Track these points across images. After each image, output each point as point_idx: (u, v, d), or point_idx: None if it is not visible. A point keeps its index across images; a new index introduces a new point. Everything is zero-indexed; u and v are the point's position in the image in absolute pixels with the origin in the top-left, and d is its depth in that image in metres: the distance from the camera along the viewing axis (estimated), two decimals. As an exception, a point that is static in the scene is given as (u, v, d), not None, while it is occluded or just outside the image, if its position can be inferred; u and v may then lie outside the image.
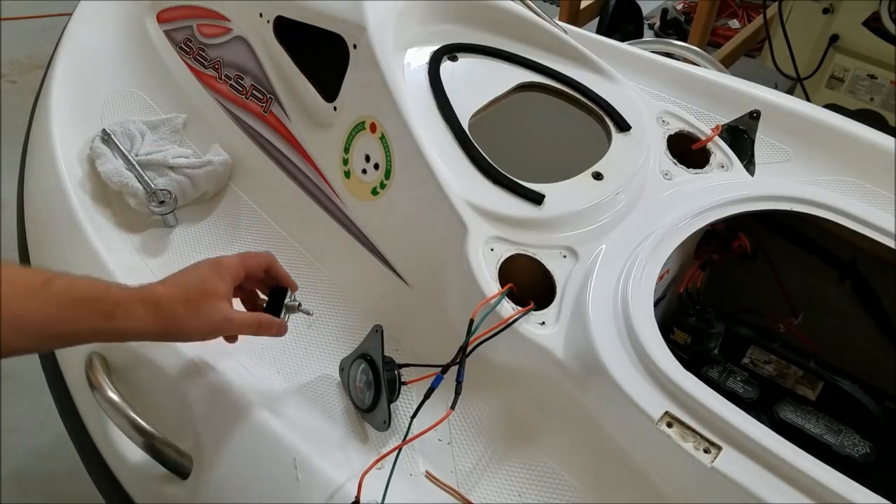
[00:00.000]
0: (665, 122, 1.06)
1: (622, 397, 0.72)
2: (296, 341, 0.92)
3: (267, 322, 0.82)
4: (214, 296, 0.76)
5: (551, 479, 0.77)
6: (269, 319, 0.82)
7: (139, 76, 1.28)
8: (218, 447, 0.81)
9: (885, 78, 2.07)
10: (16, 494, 1.69)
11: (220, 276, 0.77)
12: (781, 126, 1.12)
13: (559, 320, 0.81)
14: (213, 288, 0.77)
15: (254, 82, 1.15)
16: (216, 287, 0.77)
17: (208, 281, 0.77)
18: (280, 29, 1.11)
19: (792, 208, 0.91)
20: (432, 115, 0.96)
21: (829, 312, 1.00)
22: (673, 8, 3.21)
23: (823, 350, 0.94)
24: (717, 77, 1.22)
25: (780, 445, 0.66)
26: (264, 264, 0.84)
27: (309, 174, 1.07)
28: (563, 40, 1.11)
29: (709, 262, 0.96)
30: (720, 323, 0.89)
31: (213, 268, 0.78)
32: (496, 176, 0.91)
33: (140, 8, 1.33)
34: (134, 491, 0.91)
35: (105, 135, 1.14)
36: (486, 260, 0.84)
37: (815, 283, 1.00)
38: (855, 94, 2.15)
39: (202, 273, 0.78)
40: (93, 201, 1.10)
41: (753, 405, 0.84)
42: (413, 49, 1.04)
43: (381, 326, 0.81)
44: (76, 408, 0.99)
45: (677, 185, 0.97)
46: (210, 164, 1.12)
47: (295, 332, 0.92)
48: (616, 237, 0.89)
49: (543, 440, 0.79)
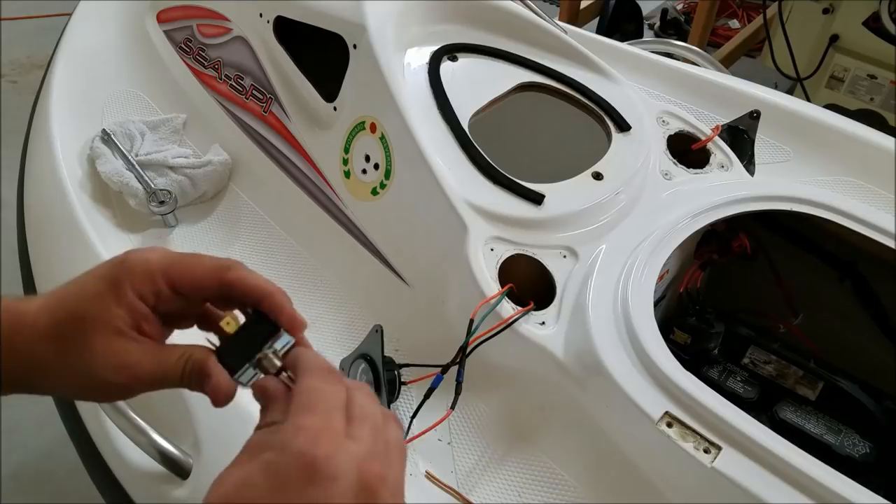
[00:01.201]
0: (665, 122, 1.05)
1: (622, 397, 0.72)
2: (296, 341, 0.92)
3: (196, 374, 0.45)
4: (99, 327, 0.45)
5: (551, 479, 0.77)
6: (199, 372, 0.45)
7: (139, 76, 1.28)
8: (218, 447, 0.81)
9: (885, 78, 2.07)
10: (16, 494, 1.69)
11: (115, 292, 0.45)
12: (781, 126, 1.12)
13: (559, 320, 0.81)
14: (98, 313, 0.45)
15: (254, 82, 1.15)
16: (104, 311, 0.45)
17: (90, 301, 0.45)
18: (280, 29, 1.11)
19: (792, 208, 0.91)
20: (432, 115, 0.96)
21: (829, 312, 1.00)
22: (673, 8, 3.21)
23: (823, 350, 0.94)
24: (717, 77, 1.22)
25: (780, 445, 0.66)
26: (209, 280, 0.47)
27: (309, 174, 1.07)
28: (563, 40, 1.11)
29: (709, 262, 0.96)
30: (720, 323, 0.89)
31: (108, 273, 0.46)
32: (496, 176, 0.91)
33: (140, 8, 1.33)
34: (134, 491, 0.91)
35: (105, 135, 1.14)
36: (486, 260, 0.84)
37: (815, 283, 1.00)
38: (855, 94, 2.15)
39: (89, 283, 0.46)
40: (93, 201, 1.10)
41: (753, 405, 0.84)
42: (413, 49, 1.04)
43: (381, 326, 0.81)
44: (76, 408, 0.99)
45: (677, 185, 0.97)
46: (210, 164, 1.12)
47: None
48: (616, 237, 0.89)
49: (543, 440, 0.79)
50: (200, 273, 0.47)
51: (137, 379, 0.45)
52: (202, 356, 0.46)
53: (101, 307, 0.45)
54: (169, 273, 0.46)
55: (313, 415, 0.40)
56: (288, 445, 0.38)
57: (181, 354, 0.46)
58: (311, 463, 0.38)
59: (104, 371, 0.45)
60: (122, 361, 0.45)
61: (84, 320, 0.45)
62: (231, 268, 0.47)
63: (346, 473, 0.38)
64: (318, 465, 0.37)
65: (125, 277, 0.46)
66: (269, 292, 0.46)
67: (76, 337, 0.45)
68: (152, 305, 0.46)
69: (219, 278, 0.46)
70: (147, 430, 0.83)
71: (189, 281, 0.46)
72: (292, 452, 0.38)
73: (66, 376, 0.45)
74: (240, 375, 0.45)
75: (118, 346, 0.45)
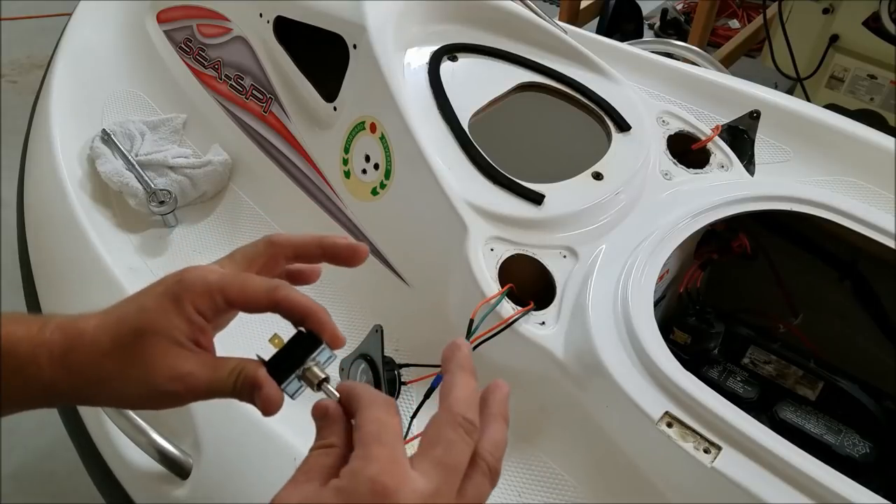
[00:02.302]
0: (665, 122, 1.05)
1: (622, 397, 0.72)
2: (296, 341, 0.92)
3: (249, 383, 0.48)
4: (161, 338, 0.47)
5: (551, 479, 0.77)
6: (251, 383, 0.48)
7: (139, 76, 1.28)
8: (218, 447, 0.81)
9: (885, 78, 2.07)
10: (16, 494, 1.69)
11: (175, 306, 0.48)
12: (781, 126, 1.12)
13: (559, 320, 0.81)
14: (161, 326, 0.47)
15: (254, 82, 1.15)
16: (166, 323, 0.47)
17: (153, 316, 0.48)
18: (280, 29, 1.11)
19: (792, 208, 0.91)
20: (432, 115, 0.96)
21: (829, 312, 1.00)
22: (673, 8, 3.21)
23: (823, 350, 0.94)
24: (717, 77, 1.22)
25: (780, 445, 0.66)
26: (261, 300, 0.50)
27: (309, 174, 1.07)
28: (563, 40, 1.11)
29: (709, 262, 0.96)
30: (720, 323, 0.89)
31: (169, 290, 0.49)
32: (496, 176, 0.91)
33: (140, 8, 1.33)
34: (134, 491, 0.91)
35: (105, 135, 1.14)
36: (486, 260, 0.84)
37: (815, 283, 1.00)
38: (855, 94, 2.15)
39: (148, 301, 0.49)
40: (93, 201, 1.10)
41: (753, 405, 0.84)
42: (413, 49, 1.04)
43: (381, 326, 0.81)
44: (76, 408, 0.99)
45: (677, 185, 0.97)
46: (210, 164, 1.12)
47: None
48: (616, 237, 0.89)
49: (543, 440, 0.79)
50: (252, 292, 0.50)
51: (192, 388, 0.48)
52: (253, 369, 0.48)
53: (162, 320, 0.48)
54: (225, 291, 0.49)
55: (382, 446, 0.42)
56: (360, 473, 0.41)
57: (234, 367, 0.49)
58: (382, 490, 0.40)
59: (162, 380, 0.47)
60: (179, 372, 0.47)
61: (145, 333, 0.47)
62: (279, 287, 0.50)
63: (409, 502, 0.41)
64: (388, 493, 0.40)
65: (185, 293, 0.48)
66: (312, 310, 0.50)
67: (138, 349, 0.47)
68: (209, 319, 0.49)
69: (269, 297, 0.50)
70: (147, 430, 0.83)
71: (243, 299, 0.50)
72: (366, 479, 0.41)
73: (125, 388, 0.48)
74: (286, 386, 0.48)
75: (176, 357, 0.48)
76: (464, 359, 0.48)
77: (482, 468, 0.45)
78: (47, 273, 1.09)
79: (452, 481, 0.43)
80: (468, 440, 0.44)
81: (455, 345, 0.49)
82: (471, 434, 0.44)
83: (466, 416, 0.44)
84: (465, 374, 0.47)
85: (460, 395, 0.46)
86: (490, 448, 0.45)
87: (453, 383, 0.47)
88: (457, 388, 0.46)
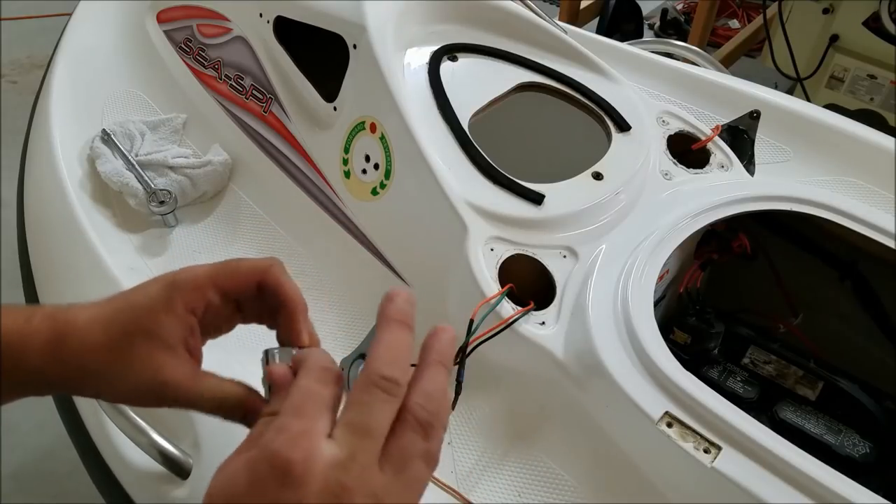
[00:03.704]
0: (665, 122, 1.05)
1: (622, 397, 0.72)
2: (296, 341, 0.92)
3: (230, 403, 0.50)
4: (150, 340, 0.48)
5: (551, 479, 0.77)
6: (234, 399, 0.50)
7: (139, 76, 1.28)
8: (218, 447, 0.81)
9: (885, 78, 2.07)
10: (16, 494, 1.69)
11: (167, 307, 0.48)
12: (781, 126, 1.12)
13: (559, 320, 0.81)
14: (151, 326, 0.48)
15: (254, 82, 1.15)
16: (156, 325, 0.48)
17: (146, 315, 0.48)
18: (280, 29, 1.11)
19: (792, 208, 0.91)
20: (432, 115, 0.96)
21: (829, 312, 1.00)
22: (673, 8, 3.21)
23: (823, 350, 0.94)
24: (717, 77, 1.22)
25: (780, 445, 0.66)
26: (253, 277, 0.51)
27: (309, 174, 1.07)
28: (563, 40, 1.11)
29: (709, 262, 0.96)
30: (720, 323, 0.89)
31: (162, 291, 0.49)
32: (496, 176, 0.91)
33: (140, 8, 1.33)
34: (134, 491, 0.91)
35: (105, 135, 1.14)
36: (486, 260, 0.84)
37: (815, 283, 1.00)
38: (855, 94, 2.15)
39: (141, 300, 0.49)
40: (93, 201, 1.10)
41: (753, 405, 0.84)
42: (413, 49, 1.04)
43: (381, 326, 0.81)
44: (76, 408, 0.99)
45: (677, 185, 0.97)
46: (210, 164, 1.12)
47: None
48: (616, 237, 0.89)
49: (543, 440, 0.79)
50: (245, 271, 0.50)
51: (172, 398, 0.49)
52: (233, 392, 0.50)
53: (153, 322, 0.48)
54: (216, 280, 0.50)
55: (298, 416, 0.40)
56: (269, 445, 0.38)
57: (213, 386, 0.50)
58: (283, 465, 0.37)
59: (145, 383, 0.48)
60: (162, 379, 0.48)
61: (136, 334, 0.48)
62: (272, 266, 0.51)
63: (315, 478, 0.37)
64: (291, 469, 0.37)
65: (176, 294, 0.49)
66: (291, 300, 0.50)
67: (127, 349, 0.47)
68: (200, 317, 0.50)
69: (260, 275, 0.50)
70: (147, 430, 0.83)
71: (234, 282, 0.50)
72: (270, 452, 0.38)
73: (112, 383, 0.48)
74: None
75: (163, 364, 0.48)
76: (394, 311, 0.43)
77: (410, 423, 0.40)
78: (47, 273, 1.09)
79: (369, 445, 0.39)
80: (387, 398, 0.40)
81: (387, 296, 0.44)
82: (391, 391, 0.40)
83: (384, 373, 0.40)
84: (392, 327, 0.42)
85: (380, 352, 0.41)
86: (421, 399, 0.40)
87: (378, 339, 0.42)
88: (380, 344, 0.42)
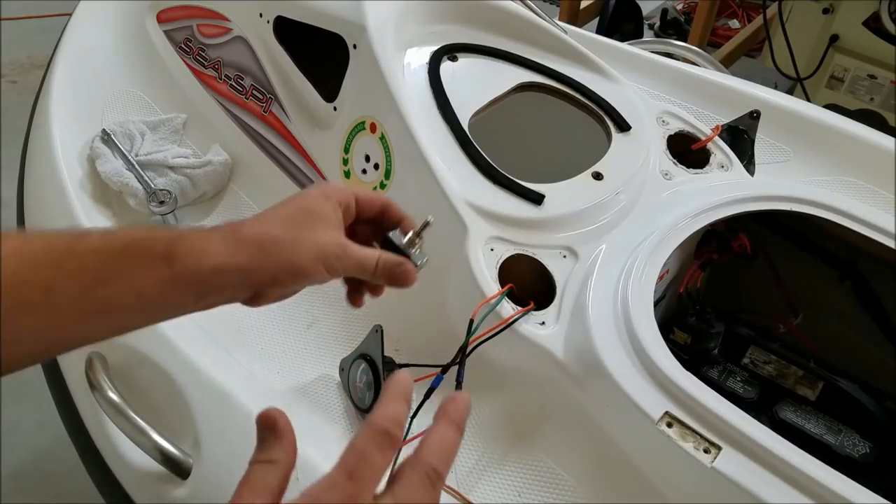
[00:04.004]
0: (665, 122, 1.06)
1: (622, 397, 0.72)
2: (295, 341, 0.92)
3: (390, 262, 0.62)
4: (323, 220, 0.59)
5: (551, 479, 0.77)
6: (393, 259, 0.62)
7: (139, 76, 1.28)
8: (218, 447, 0.81)
9: (885, 78, 2.07)
10: (16, 494, 1.69)
11: (328, 202, 0.60)
12: (781, 126, 1.12)
13: (559, 320, 0.81)
14: (322, 210, 0.59)
15: (254, 82, 1.15)
16: (325, 211, 0.59)
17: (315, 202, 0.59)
18: (280, 29, 1.11)
19: (792, 208, 0.91)
20: (432, 115, 0.96)
21: (829, 312, 1.00)
22: (673, 8, 3.21)
23: (823, 350, 0.94)
24: (717, 77, 1.22)
25: (780, 445, 0.66)
26: (379, 202, 0.65)
27: (309, 174, 1.07)
28: (563, 40, 1.11)
29: (709, 262, 0.96)
30: (720, 323, 0.89)
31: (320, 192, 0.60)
32: (496, 176, 0.91)
33: (140, 8, 1.33)
34: (134, 491, 0.91)
35: (105, 135, 1.14)
36: (486, 260, 0.84)
37: (815, 283, 1.00)
38: (855, 94, 2.15)
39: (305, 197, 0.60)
40: (93, 201, 1.10)
41: (753, 405, 0.84)
42: (413, 49, 1.04)
43: (381, 326, 0.81)
44: (76, 408, 0.99)
45: (677, 185, 0.97)
46: (210, 164, 1.12)
47: (294, 332, 0.92)
48: (616, 237, 0.89)
49: (543, 440, 0.79)
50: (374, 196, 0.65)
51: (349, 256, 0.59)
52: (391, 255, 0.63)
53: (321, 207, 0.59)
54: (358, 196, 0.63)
55: (350, 481, 0.39)
56: (320, 498, 0.39)
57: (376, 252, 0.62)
58: None
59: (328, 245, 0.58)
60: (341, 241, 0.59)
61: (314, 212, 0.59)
62: (389, 202, 0.66)
63: None
64: None
65: (333, 193, 0.61)
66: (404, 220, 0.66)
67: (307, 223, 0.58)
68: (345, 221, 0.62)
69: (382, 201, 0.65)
70: (147, 430, 0.83)
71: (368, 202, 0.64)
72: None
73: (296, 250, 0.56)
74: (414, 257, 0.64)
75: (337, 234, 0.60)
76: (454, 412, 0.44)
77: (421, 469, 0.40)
78: (47, 273, 1.09)
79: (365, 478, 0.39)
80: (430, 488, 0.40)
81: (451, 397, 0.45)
82: (435, 483, 0.40)
83: (434, 465, 0.40)
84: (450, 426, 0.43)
85: (433, 446, 0.41)
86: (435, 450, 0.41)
87: (434, 431, 0.43)
88: (435, 436, 0.42)
